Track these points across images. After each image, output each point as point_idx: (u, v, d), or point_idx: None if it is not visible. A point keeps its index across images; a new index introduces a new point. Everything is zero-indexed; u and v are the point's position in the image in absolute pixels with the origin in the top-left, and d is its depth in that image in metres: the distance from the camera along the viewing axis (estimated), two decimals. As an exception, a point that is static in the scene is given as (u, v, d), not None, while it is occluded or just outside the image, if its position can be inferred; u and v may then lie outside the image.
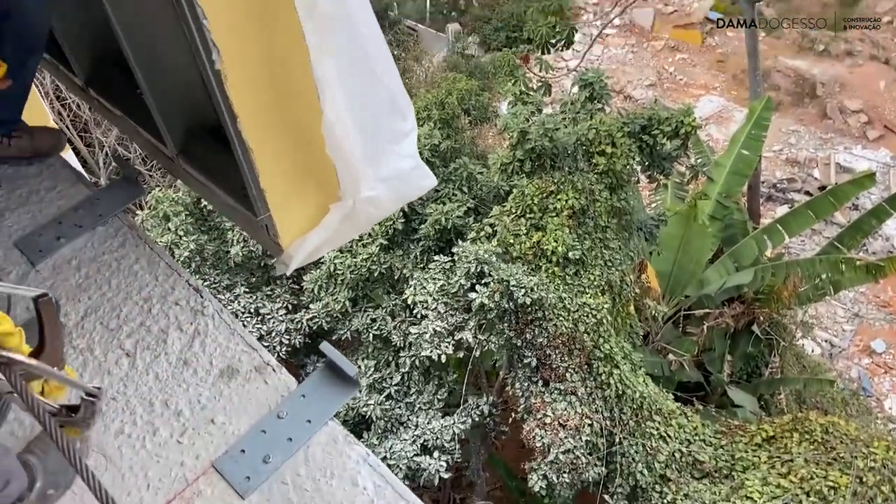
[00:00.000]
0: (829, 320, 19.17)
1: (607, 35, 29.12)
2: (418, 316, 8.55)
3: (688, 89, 29.05)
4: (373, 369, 9.15)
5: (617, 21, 28.68)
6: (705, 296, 11.41)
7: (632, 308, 9.31)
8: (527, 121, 8.37)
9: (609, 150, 8.22)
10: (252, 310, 9.79)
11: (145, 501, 1.51)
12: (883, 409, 15.86)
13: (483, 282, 7.90)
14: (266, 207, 1.72)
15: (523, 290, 7.63)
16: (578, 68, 15.04)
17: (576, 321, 7.96)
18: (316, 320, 9.44)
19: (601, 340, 8.05)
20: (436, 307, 8.37)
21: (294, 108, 1.63)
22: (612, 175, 8.37)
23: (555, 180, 8.31)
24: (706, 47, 30.74)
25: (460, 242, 8.40)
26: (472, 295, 7.87)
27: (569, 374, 7.93)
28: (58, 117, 13.70)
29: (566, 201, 8.15)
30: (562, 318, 7.91)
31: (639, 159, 8.73)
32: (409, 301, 8.66)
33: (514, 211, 8.50)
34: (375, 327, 9.20)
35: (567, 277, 8.30)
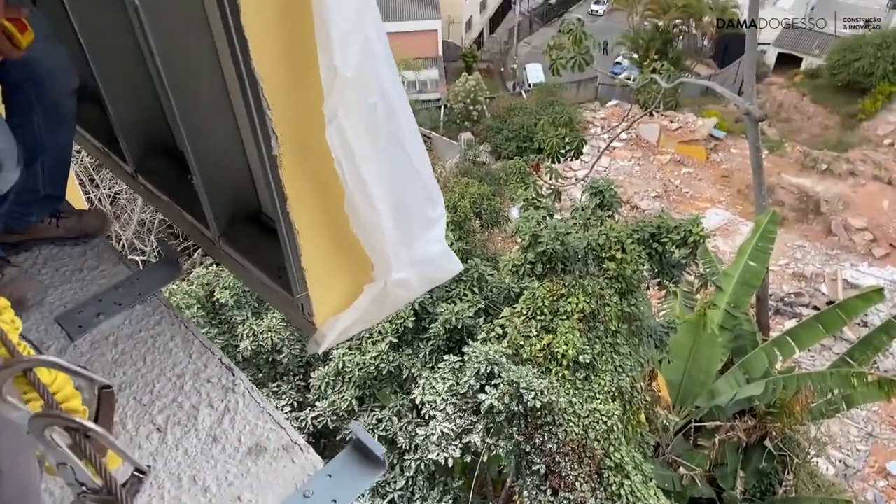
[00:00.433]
0: (842, 439, 18.66)
1: (615, 148, 30.13)
2: (426, 417, 8.43)
3: (694, 202, 29.71)
4: (376, 471, 8.90)
5: (624, 135, 29.75)
6: (716, 407, 11.22)
7: (642, 416, 9.16)
8: (538, 224, 8.57)
9: (619, 255, 8.36)
10: (257, 405, 9.65)
11: (167, 577, 1.50)
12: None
13: (493, 383, 7.84)
14: (304, 286, 1.80)
15: (533, 393, 7.55)
16: (587, 178, 15.51)
17: (586, 427, 7.83)
18: (321, 419, 9.30)
19: (612, 449, 7.87)
20: (444, 408, 8.26)
21: (337, 192, 1.74)
22: (623, 280, 8.47)
23: (566, 283, 8.41)
24: (711, 163, 31.68)
25: (471, 342, 8.40)
26: (482, 396, 7.79)
27: (578, 484, 7.71)
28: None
29: (577, 304, 8.20)
30: (572, 424, 7.78)
31: (648, 266, 8.86)
32: (417, 401, 8.57)
33: (524, 312, 8.55)
34: (381, 428, 9.04)
35: (577, 382, 8.23)
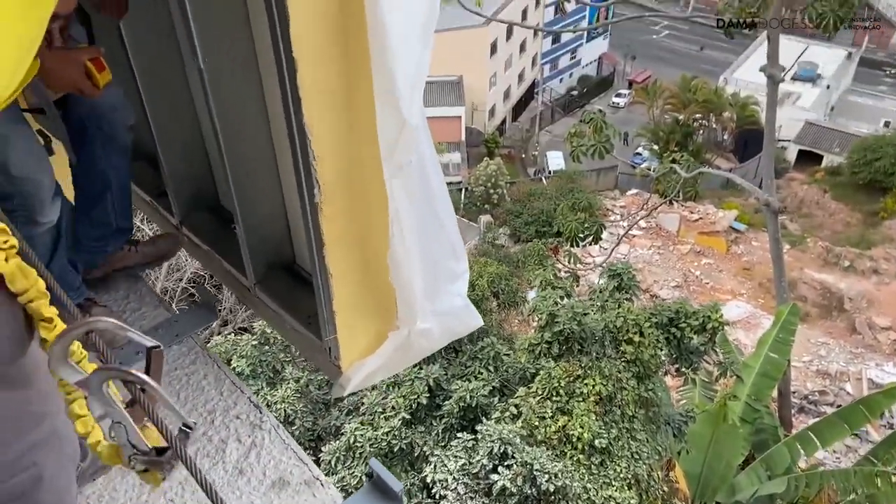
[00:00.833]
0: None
1: (634, 236, 30.37)
2: (437, 496, 8.27)
3: (714, 293, 29.54)
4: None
5: (643, 223, 30.02)
6: (737, 503, 10.86)
7: (659, 507, 8.90)
8: (556, 304, 8.64)
9: (637, 338, 8.36)
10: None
11: None
12: None
13: (506, 464, 7.72)
14: (334, 329, 1.91)
15: (547, 476, 7.42)
16: (605, 264, 15.62)
17: (600, 515, 7.63)
18: (330, 493, 9.14)
19: (627, 539, 7.64)
20: (455, 487, 8.12)
21: (369, 240, 1.87)
22: (640, 364, 8.43)
23: (582, 365, 8.39)
24: (732, 255, 31.69)
25: (484, 421, 8.33)
26: (494, 477, 7.66)
27: (592, 574, 7.45)
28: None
29: (593, 387, 8.16)
30: (586, 510, 7.59)
31: (666, 351, 8.83)
32: (428, 479, 8.43)
33: (540, 393, 8.50)
34: (390, 505, 8.86)
35: (592, 466, 8.08)
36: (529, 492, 7.58)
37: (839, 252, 30.37)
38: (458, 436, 8.65)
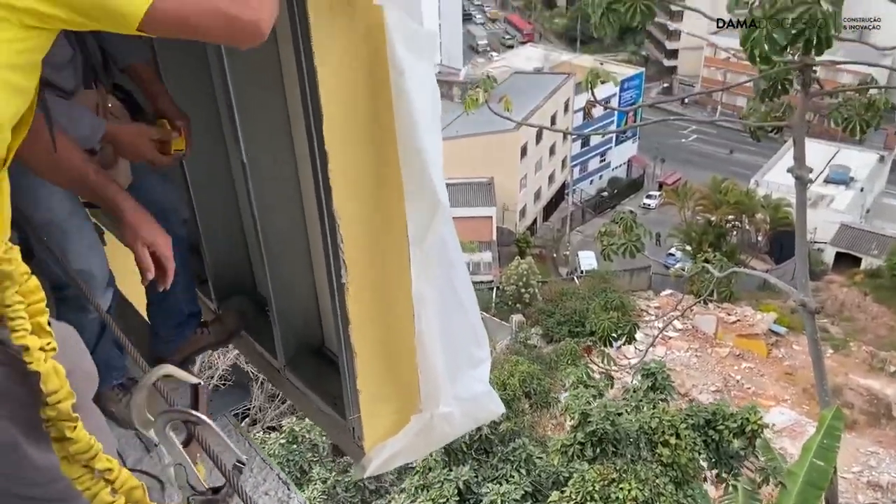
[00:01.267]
0: None
1: (670, 337, 29.80)
2: None
3: (756, 399, 28.49)
4: None
5: (679, 325, 29.52)
6: None
7: None
8: (588, 403, 8.48)
9: (673, 441, 8.11)
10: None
11: None
12: None
13: (538, 572, 7.39)
14: (357, 409, 1.96)
15: (581, 586, 7.06)
16: (640, 364, 15.33)
17: None
18: None
19: None
20: None
21: (394, 321, 1.96)
22: (677, 468, 8.13)
23: (617, 468, 8.12)
24: (773, 358, 30.79)
25: (516, 526, 8.04)
26: (525, 586, 7.31)
27: None
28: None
29: (629, 491, 7.85)
30: None
31: (704, 455, 8.51)
32: (456, 588, 8.07)
33: (574, 497, 8.20)
34: None
35: (629, 578, 7.66)
36: None
37: (885, 357, 29.33)
38: (488, 541, 8.34)
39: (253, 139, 1.97)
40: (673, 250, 36.77)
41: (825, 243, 34.94)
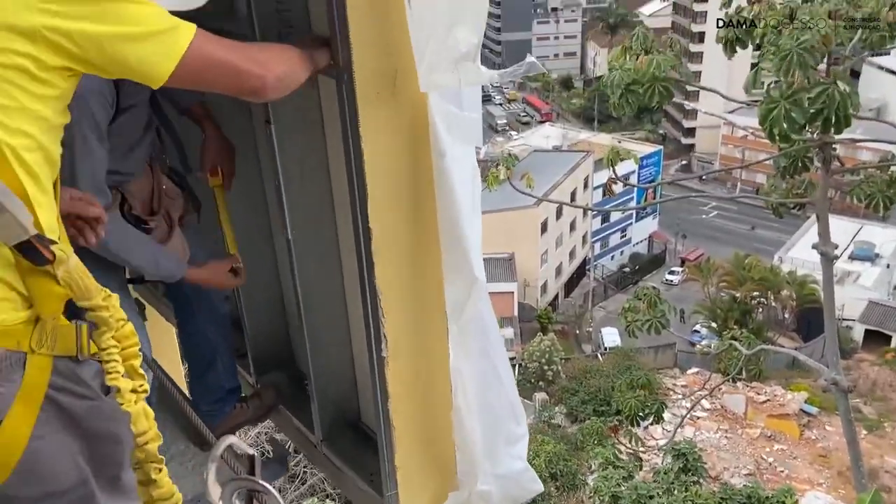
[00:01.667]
0: None
1: (698, 418, 28.98)
2: None
3: (790, 482, 27.42)
4: None
5: (707, 404, 28.76)
6: None
7: None
8: (618, 485, 8.23)
9: (707, 526, 7.81)
10: None
11: None
12: None
13: None
14: (395, 485, 1.95)
15: None
16: (669, 445, 14.89)
17: None
18: None
19: None
20: None
21: (431, 396, 1.97)
22: (712, 555, 7.79)
23: (649, 555, 7.80)
24: (806, 440, 29.74)
25: None
26: None
27: None
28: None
29: (662, 581, 7.52)
30: None
31: (740, 542, 8.17)
32: None
33: (604, 586, 7.86)
34: None
35: None
36: None
37: (922, 440, 28.24)
38: None
39: (298, 217, 2.05)
40: (698, 327, 36.25)
41: (853, 320, 34.26)
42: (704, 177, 50.40)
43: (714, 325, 34.02)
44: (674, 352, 34.49)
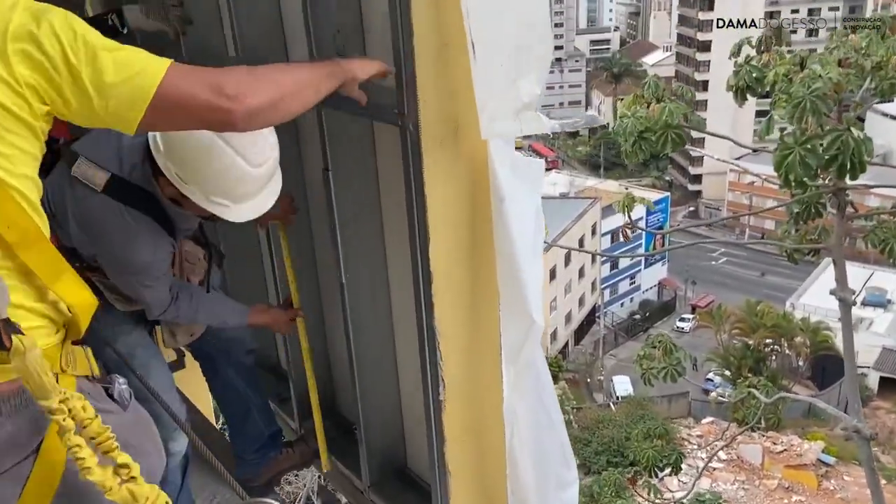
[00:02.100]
0: None
1: (714, 469, 28.34)
2: None
3: (811, 535, 26.66)
4: None
5: (724, 455, 28.18)
6: None
7: None
8: (642, 538, 8.02)
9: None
10: None
11: None
12: None
13: None
14: (449, 530, 1.94)
15: None
16: (687, 499, 14.60)
17: None
18: None
19: None
20: None
21: (485, 440, 1.97)
22: None
23: None
24: (824, 491, 29.02)
25: None
26: None
27: None
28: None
29: None
30: None
31: None
32: None
33: None
34: None
35: None
36: None
37: (945, 490, 27.48)
38: None
39: (351, 261, 2.08)
40: (711, 375, 35.79)
41: (868, 367, 33.78)
42: (713, 223, 50.48)
43: (727, 373, 33.60)
44: (687, 400, 34.01)
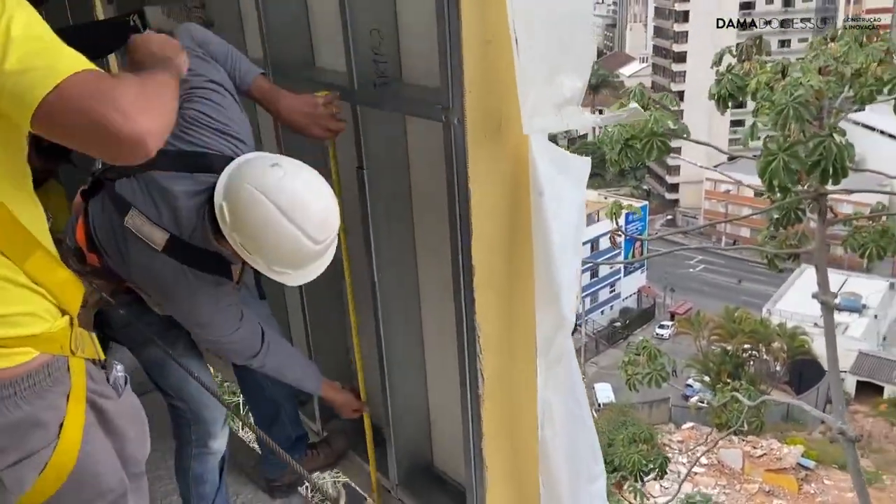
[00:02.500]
0: None
1: (696, 474, 28.53)
2: None
3: (792, 539, 26.93)
4: None
5: (705, 460, 28.39)
6: None
7: None
8: (635, 541, 8.06)
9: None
10: None
11: None
12: None
13: None
14: (486, 525, 1.94)
15: None
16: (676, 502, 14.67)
17: None
18: None
19: None
20: None
21: (519, 434, 1.99)
22: None
23: None
24: (805, 495, 29.35)
25: None
26: None
27: None
28: None
29: None
30: None
31: None
32: None
33: None
34: None
35: None
36: None
37: (922, 499, 27.97)
38: None
39: (383, 259, 2.10)
40: (691, 381, 36.10)
41: (845, 372, 34.31)
42: (690, 231, 51.10)
43: (707, 378, 33.91)
44: (668, 406, 34.25)
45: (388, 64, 1.90)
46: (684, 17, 55.01)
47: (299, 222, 1.58)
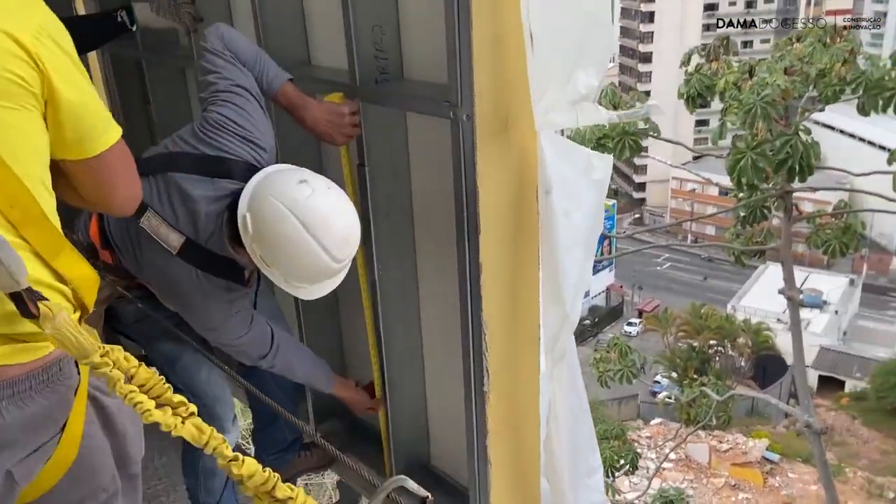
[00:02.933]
0: None
1: (664, 469, 28.94)
2: None
3: (757, 531, 27.46)
4: None
5: (673, 455, 28.81)
6: None
7: None
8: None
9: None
10: None
11: None
12: None
13: None
14: (489, 521, 1.95)
15: None
16: (639, 500, 14.95)
17: None
18: None
19: None
20: None
21: (522, 430, 1.99)
22: None
23: None
24: (770, 487, 29.95)
25: None
26: None
27: None
28: None
29: None
30: None
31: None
32: None
33: None
34: None
35: None
36: None
37: (881, 483, 28.77)
38: None
39: (383, 256, 2.08)
40: (658, 377, 36.57)
41: (807, 367, 35.11)
42: (657, 230, 51.86)
43: (675, 374, 34.40)
44: (637, 403, 34.68)
45: (388, 60, 1.89)
46: (650, 17, 55.75)
47: (322, 240, 1.59)
